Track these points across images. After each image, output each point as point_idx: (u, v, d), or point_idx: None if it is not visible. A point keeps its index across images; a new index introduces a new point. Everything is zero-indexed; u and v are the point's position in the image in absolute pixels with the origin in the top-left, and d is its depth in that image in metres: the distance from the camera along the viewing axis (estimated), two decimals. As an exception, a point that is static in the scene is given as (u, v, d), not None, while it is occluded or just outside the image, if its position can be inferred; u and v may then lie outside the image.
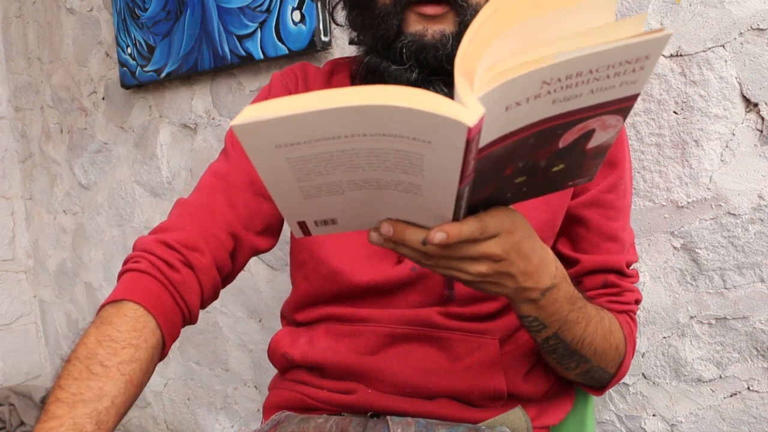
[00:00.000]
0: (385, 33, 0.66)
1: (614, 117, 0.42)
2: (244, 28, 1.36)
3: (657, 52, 0.37)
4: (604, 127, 0.42)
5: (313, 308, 0.77)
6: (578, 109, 0.40)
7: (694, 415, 0.95)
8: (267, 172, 0.40)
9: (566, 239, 0.75)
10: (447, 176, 0.39)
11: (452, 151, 0.36)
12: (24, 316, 2.30)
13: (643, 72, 0.38)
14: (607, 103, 0.40)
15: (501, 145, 0.40)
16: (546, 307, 0.55)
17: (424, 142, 0.36)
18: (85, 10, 1.85)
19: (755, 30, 0.82)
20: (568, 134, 0.42)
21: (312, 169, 0.39)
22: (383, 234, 0.47)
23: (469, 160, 0.37)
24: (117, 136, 1.84)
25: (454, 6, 0.63)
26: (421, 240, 0.46)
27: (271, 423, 0.74)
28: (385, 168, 0.39)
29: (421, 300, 0.72)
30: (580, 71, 0.36)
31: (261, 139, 0.36)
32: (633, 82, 0.38)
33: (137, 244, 0.68)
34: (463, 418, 0.71)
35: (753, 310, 0.88)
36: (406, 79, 0.65)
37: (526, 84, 0.36)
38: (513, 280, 0.50)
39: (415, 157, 0.38)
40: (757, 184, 0.85)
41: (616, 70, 0.37)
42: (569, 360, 0.65)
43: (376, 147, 0.37)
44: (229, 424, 1.72)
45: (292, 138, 0.36)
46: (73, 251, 2.12)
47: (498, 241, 0.47)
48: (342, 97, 0.34)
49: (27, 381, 2.30)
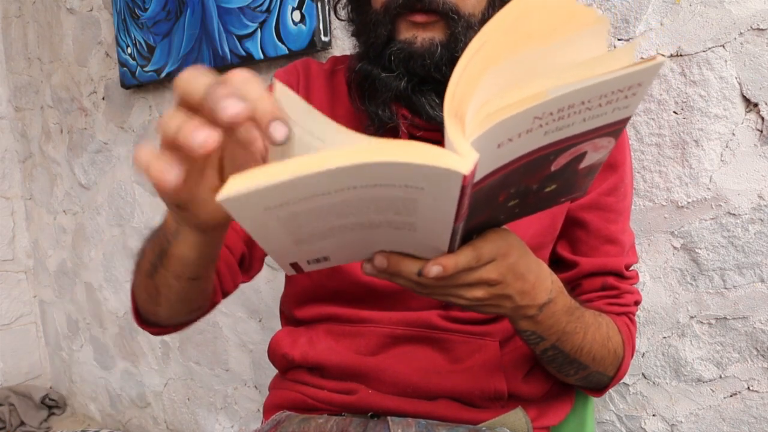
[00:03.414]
0: (375, 40, 0.66)
1: (606, 139, 0.42)
2: (244, 28, 1.36)
3: (649, 80, 0.36)
4: (596, 149, 0.42)
5: (313, 305, 0.77)
6: (570, 137, 0.39)
7: (694, 415, 0.95)
8: (257, 230, 0.39)
9: (566, 242, 0.75)
10: (442, 216, 0.39)
11: (447, 197, 0.36)
12: (24, 316, 2.30)
13: (635, 97, 0.37)
14: (599, 128, 0.40)
15: (493, 178, 0.40)
16: (543, 321, 0.55)
17: (417, 189, 0.36)
18: (85, 10, 1.85)
19: (755, 30, 0.82)
20: (560, 158, 0.42)
21: (303, 222, 0.39)
22: (377, 266, 0.46)
23: (463, 201, 0.37)
24: (117, 136, 1.84)
25: (444, 16, 0.63)
26: (416, 272, 0.45)
27: (271, 423, 0.74)
28: (377, 211, 0.39)
29: (421, 303, 0.72)
30: (573, 104, 0.36)
31: (250, 206, 0.35)
32: (625, 107, 0.38)
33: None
34: (464, 419, 0.71)
35: (753, 310, 0.88)
36: (395, 86, 0.65)
37: (519, 121, 0.36)
38: (510, 300, 0.51)
39: (409, 201, 0.37)
40: (757, 184, 0.85)
41: (609, 98, 0.37)
42: (568, 368, 0.65)
43: (367, 196, 0.37)
44: (229, 424, 1.72)
45: (281, 200, 0.35)
46: (73, 251, 2.12)
47: (494, 266, 0.47)
48: (331, 159, 0.32)
49: (27, 381, 2.30)
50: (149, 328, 0.70)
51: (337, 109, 0.76)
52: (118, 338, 2.02)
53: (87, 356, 2.17)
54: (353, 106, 0.71)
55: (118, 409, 2.10)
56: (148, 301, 0.63)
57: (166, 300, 0.60)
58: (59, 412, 2.26)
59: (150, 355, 1.92)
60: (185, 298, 0.60)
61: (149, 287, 0.60)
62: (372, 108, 0.68)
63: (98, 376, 2.14)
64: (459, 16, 0.63)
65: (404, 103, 0.67)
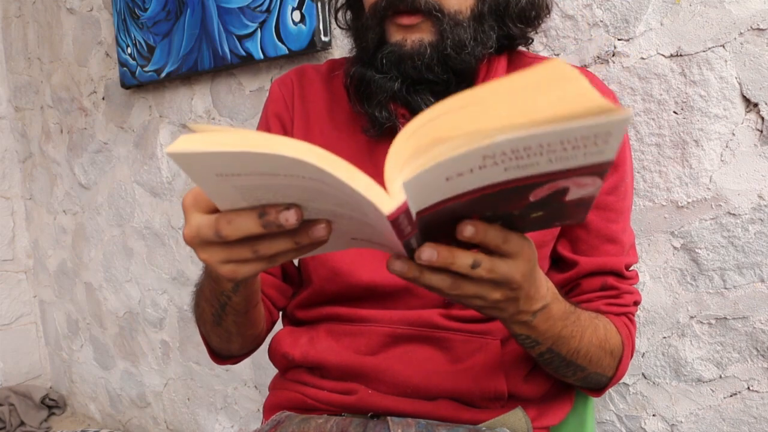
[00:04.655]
0: (368, 44, 0.68)
1: (589, 178, 0.38)
2: (244, 28, 1.36)
3: (619, 131, 0.32)
4: (580, 186, 0.39)
5: (315, 308, 0.77)
6: (539, 174, 0.36)
7: (694, 415, 0.95)
8: (214, 194, 0.40)
9: (566, 241, 0.75)
10: (388, 229, 0.38)
11: (382, 221, 0.36)
12: (24, 316, 2.30)
13: (608, 144, 0.34)
14: (573, 170, 0.36)
15: (448, 204, 0.39)
16: (538, 326, 0.55)
17: (360, 200, 0.36)
18: (85, 10, 1.85)
19: (755, 30, 0.82)
20: (537, 191, 0.39)
21: (261, 195, 0.39)
22: (425, 259, 0.43)
23: (401, 228, 0.37)
24: (117, 136, 1.84)
25: (428, 15, 0.64)
26: (471, 264, 0.44)
27: (271, 423, 0.74)
28: (334, 204, 0.39)
29: (422, 303, 0.72)
30: (528, 146, 0.34)
31: (200, 168, 0.36)
32: (600, 153, 0.35)
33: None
34: (464, 419, 0.71)
35: (753, 310, 0.88)
36: (389, 88, 0.66)
37: (466, 160, 0.34)
38: (515, 305, 0.50)
39: (357, 205, 0.37)
40: (757, 184, 0.85)
41: (574, 144, 0.34)
42: (565, 369, 0.65)
43: (318, 188, 0.37)
44: (229, 424, 1.72)
45: (231, 170, 0.36)
46: (73, 251, 2.12)
47: (518, 265, 0.46)
48: (277, 146, 0.33)
49: (27, 381, 2.30)
50: (227, 361, 0.81)
51: (336, 112, 0.76)
52: (118, 338, 2.02)
53: (87, 356, 2.17)
54: (353, 108, 0.72)
55: (118, 409, 2.10)
56: (221, 343, 0.73)
57: (236, 337, 0.70)
58: (59, 412, 2.26)
59: (150, 355, 1.92)
60: (250, 325, 0.69)
61: (219, 333, 0.69)
62: (370, 109, 0.69)
63: (98, 376, 2.14)
64: (443, 14, 0.64)
65: (401, 103, 0.68)
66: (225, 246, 0.43)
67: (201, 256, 0.44)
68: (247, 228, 0.40)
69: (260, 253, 0.42)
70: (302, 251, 0.44)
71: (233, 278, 0.44)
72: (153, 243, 1.81)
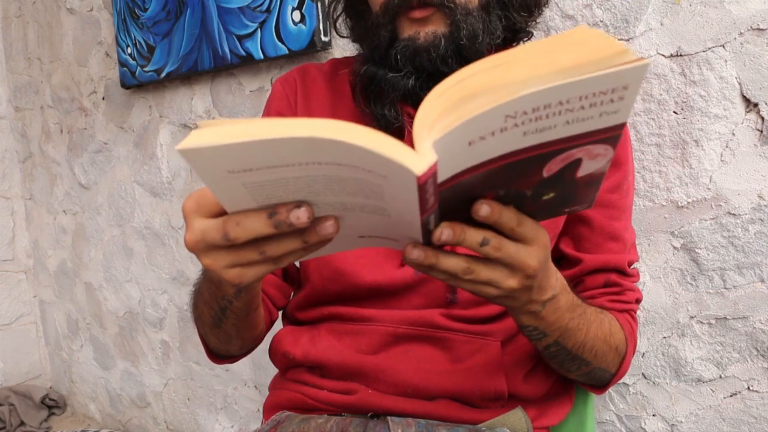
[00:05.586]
0: (379, 42, 0.67)
1: (601, 146, 0.39)
2: (244, 28, 1.36)
3: (636, 82, 0.34)
4: (592, 156, 0.40)
5: (316, 308, 0.77)
6: (555, 140, 0.38)
7: (694, 415, 0.95)
8: (221, 193, 0.39)
9: (569, 239, 0.75)
10: (407, 206, 0.38)
11: (407, 190, 0.35)
12: (24, 316, 2.30)
13: (623, 102, 0.35)
14: (588, 134, 0.38)
15: (469, 175, 0.39)
16: (546, 317, 0.55)
17: (380, 176, 0.35)
18: (85, 10, 1.85)
19: (755, 30, 0.82)
20: (551, 164, 0.40)
21: (270, 193, 0.38)
22: (444, 239, 0.42)
23: (426, 197, 0.36)
24: (117, 136, 1.85)
25: (440, 7, 0.64)
26: (480, 240, 0.43)
27: (271, 423, 0.74)
28: (347, 193, 0.38)
29: (424, 303, 0.72)
30: (548, 103, 0.34)
31: (211, 165, 0.35)
32: (614, 112, 0.36)
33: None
34: (464, 419, 0.71)
35: (753, 310, 0.88)
36: (403, 86, 0.66)
37: (489, 119, 0.35)
38: (528, 293, 0.50)
39: (375, 185, 0.36)
40: (757, 184, 0.85)
41: (591, 101, 0.35)
42: (570, 364, 0.65)
43: (333, 174, 0.36)
44: (229, 424, 1.72)
45: (243, 164, 0.35)
46: (73, 251, 2.12)
47: (536, 251, 0.46)
48: (291, 128, 0.32)
49: (27, 381, 2.30)
50: (224, 361, 0.80)
51: (340, 111, 0.76)
52: (118, 338, 2.02)
53: (87, 356, 2.17)
54: (357, 108, 0.72)
55: (118, 409, 2.10)
56: (220, 344, 0.73)
57: (236, 338, 0.70)
58: (59, 412, 2.26)
59: (150, 355, 1.92)
60: (250, 328, 0.69)
61: (219, 335, 0.69)
62: (377, 109, 0.69)
63: (98, 376, 2.14)
64: (455, 5, 0.64)
65: (411, 102, 0.68)
66: (231, 249, 0.42)
67: (204, 262, 0.43)
68: (256, 229, 0.39)
69: (267, 254, 0.41)
70: (309, 250, 0.43)
71: (239, 283, 0.43)
72: (153, 243, 1.81)
